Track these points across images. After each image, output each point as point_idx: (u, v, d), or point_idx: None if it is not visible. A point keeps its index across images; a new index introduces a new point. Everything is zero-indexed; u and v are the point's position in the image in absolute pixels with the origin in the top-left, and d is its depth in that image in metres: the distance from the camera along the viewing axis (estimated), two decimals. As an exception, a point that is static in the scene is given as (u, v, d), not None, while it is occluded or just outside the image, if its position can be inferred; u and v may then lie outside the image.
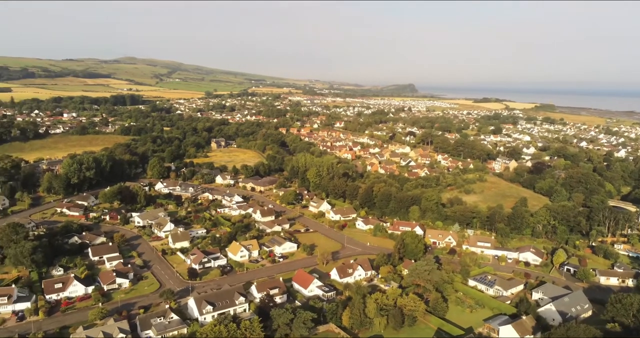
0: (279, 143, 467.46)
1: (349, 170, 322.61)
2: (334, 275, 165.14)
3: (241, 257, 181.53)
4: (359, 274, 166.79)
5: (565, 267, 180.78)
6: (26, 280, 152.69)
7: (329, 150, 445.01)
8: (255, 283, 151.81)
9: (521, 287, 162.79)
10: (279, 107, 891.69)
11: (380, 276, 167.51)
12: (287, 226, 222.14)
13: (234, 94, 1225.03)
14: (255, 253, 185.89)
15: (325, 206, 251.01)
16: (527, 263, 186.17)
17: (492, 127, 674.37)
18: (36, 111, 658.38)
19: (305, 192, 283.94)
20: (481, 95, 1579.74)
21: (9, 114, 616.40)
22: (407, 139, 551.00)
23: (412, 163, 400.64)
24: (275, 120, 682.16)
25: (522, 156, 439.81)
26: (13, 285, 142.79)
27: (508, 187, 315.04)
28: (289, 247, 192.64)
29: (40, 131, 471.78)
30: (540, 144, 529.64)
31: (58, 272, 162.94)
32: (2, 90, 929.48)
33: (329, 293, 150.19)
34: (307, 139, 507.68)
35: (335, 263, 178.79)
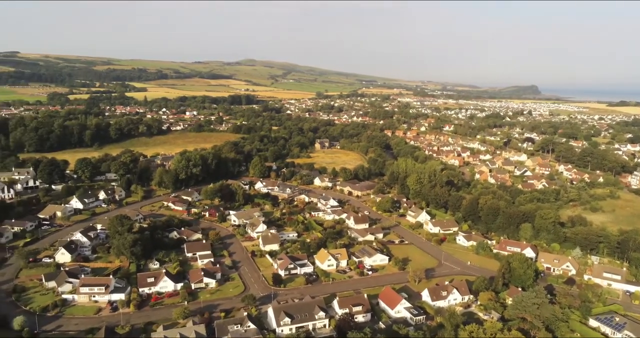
0: (382, 146, 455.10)
1: (454, 178, 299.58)
2: (426, 296, 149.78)
3: (328, 266, 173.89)
4: (454, 298, 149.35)
5: None
6: (124, 272, 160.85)
7: (434, 155, 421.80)
8: (337, 298, 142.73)
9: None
10: (386, 108, 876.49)
11: (479, 303, 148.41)
12: (380, 236, 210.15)
13: (343, 95, 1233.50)
14: (343, 263, 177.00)
15: (424, 216, 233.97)
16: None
17: (630, 135, 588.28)
18: (164, 109, 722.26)
19: (404, 199, 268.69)
20: (618, 97, 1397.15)
21: (141, 111, 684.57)
22: (524, 145, 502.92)
23: (528, 173, 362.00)
24: (381, 121, 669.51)
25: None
26: (111, 276, 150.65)
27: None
28: (379, 259, 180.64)
29: (163, 128, 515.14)
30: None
31: (154, 265, 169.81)
32: (139, 90, 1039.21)
33: (418, 318, 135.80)
34: (412, 142, 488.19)
35: (428, 282, 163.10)
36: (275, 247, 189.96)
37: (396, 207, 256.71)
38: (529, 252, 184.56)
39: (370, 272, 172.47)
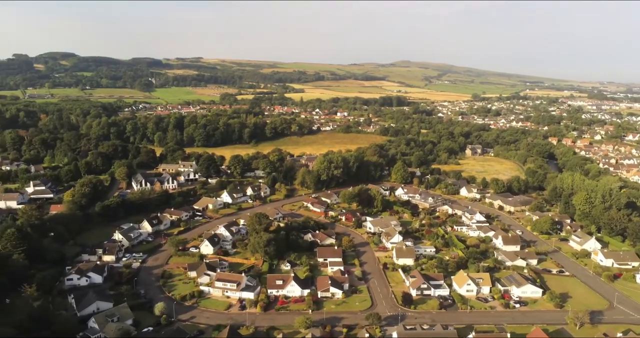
0: (544, 155, 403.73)
1: (636, 200, 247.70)
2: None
3: (467, 291, 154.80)
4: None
5: None
6: (256, 270, 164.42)
7: (611, 169, 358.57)
8: (474, 332, 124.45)
9: None
10: (553, 112, 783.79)
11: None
12: (534, 262, 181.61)
13: (503, 97, 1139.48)
14: (485, 290, 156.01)
15: (592, 244, 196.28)
16: None
17: None
18: (317, 110, 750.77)
19: (568, 221, 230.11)
20: None
21: (296, 111, 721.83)
22: None
23: None
24: (545, 128, 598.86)
25: None
26: (243, 274, 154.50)
27: None
28: (530, 290, 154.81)
29: (313, 128, 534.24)
30: None
31: (286, 267, 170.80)
32: (298, 91, 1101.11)
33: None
34: (583, 153, 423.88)
35: (593, 328, 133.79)
36: (409, 261, 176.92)
37: (557, 229, 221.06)
38: None
39: (517, 305, 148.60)
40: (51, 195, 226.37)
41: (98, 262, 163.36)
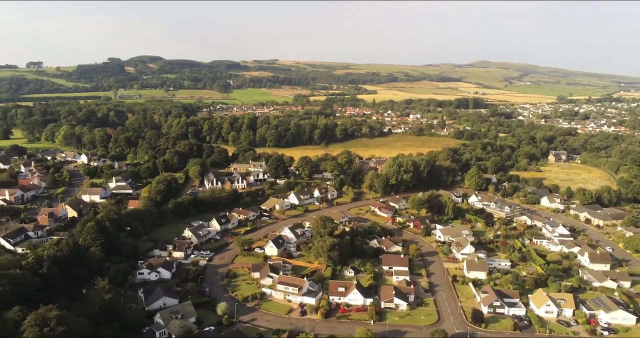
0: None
1: None
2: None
3: (546, 312, 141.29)
4: None
5: None
6: (319, 275, 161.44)
7: None
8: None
9: None
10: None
11: None
12: (626, 284, 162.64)
13: (593, 99, 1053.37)
14: (567, 313, 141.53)
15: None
16: None
17: None
18: (389, 111, 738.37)
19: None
20: None
21: (368, 113, 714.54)
22: None
23: None
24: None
25: None
26: (305, 278, 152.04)
27: None
28: (622, 317, 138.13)
29: (384, 130, 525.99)
30: None
31: (349, 273, 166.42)
32: (370, 93, 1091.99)
33: None
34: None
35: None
36: (481, 275, 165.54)
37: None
38: None
39: (605, 332, 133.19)
40: (130, 191, 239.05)
41: (167, 258, 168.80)
